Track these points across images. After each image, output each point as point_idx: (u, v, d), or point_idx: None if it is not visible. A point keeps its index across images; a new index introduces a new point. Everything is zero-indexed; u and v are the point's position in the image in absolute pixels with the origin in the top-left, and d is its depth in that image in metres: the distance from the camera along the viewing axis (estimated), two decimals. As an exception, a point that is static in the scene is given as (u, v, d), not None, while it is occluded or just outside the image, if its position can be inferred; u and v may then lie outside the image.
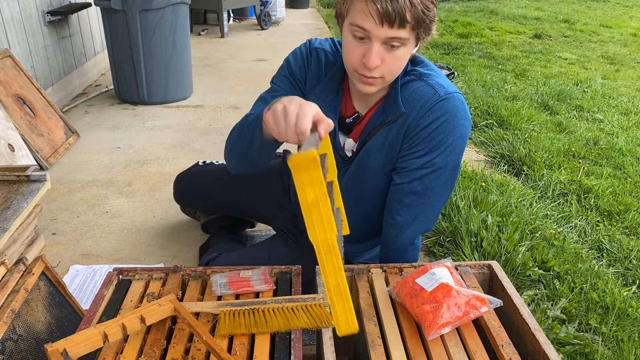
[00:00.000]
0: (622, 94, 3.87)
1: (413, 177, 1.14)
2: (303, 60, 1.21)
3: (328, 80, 1.18)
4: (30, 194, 1.53)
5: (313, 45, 1.21)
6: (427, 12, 0.98)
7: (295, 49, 1.24)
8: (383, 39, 0.98)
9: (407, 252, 1.24)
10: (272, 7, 6.34)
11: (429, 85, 1.10)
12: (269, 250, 1.47)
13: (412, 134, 1.11)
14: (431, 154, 1.11)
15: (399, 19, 0.94)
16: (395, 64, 1.03)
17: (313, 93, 1.18)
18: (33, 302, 1.00)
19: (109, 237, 1.90)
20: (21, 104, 2.48)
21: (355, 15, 0.98)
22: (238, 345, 0.90)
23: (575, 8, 8.19)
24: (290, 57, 1.24)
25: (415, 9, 0.95)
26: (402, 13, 0.94)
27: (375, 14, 0.95)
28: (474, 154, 2.81)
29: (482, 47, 5.26)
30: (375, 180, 1.21)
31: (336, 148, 1.23)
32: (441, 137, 1.09)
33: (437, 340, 0.93)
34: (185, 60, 3.38)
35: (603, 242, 1.98)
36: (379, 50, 0.99)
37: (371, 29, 0.97)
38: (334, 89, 1.18)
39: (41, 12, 2.98)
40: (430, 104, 1.08)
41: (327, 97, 1.17)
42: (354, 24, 0.99)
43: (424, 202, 1.16)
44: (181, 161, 2.53)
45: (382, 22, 0.95)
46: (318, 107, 0.89)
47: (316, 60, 1.20)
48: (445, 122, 1.08)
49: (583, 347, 1.41)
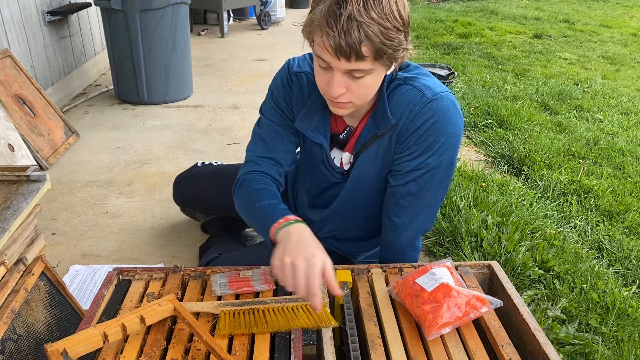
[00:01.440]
0: (622, 94, 3.87)
1: (408, 179, 1.14)
2: (284, 88, 1.20)
3: (312, 102, 1.16)
4: (30, 194, 1.53)
5: (292, 69, 1.19)
6: (389, 42, 0.91)
7: (276, 76, 1.22)
8: (343, 70, 0.95)
9: (407, 253, 1.23)
10: (272, 7, 6.34)
11: (416, 88, 1.08)
12: (269, 250, 1.46)
13: (404, 138, 1.11)
14: (424, 155, 1.10)
15: (355, 53, 0.90)
16: (362, 91, 1.00)
17: (299, 118, 1.17)
18: (33, 302, 1.00)
19: (109, 237, 1.90)
20: (21, 104, 2.48)
21: (316, 46, 0.96)
22: (238, 345, 0.90)
23: (575, 8, 8.19)
24: (272, 87, 1.23)
25: (371, 42, 0.89)
26: (357, 48, 0.89)
27: (329, 48, 0.91)
28: (474, 154, 2.81)
29: (482, 47, 5.26)
30: (373, 186, 1.22)
31: (332, 167, 1.23)
32: (432, 138, 1.08)
33: (437, 340, 0.93)
34: (185, 60, 3.38)
35: (603, 242, 1.98)
36: (341, 80, 0.96)
37: (329, 61, 0.94)
38: (320, 109, 1.16)
39: (41, 12, 2.98)
40: (419, 107, 1.07)
41: (314, 119, 1.17)
42: (316, 54, 0.97)
43: (420, 202, 1.16)
44: (181, 161, 2.53)
45: (337, 57, 0.92)
46: (325, 257, 0.92)
47: (297, 85, 1.18)
48: (436, 122, 1.07)
49: (583, 347, 1.41)
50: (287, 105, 1.21)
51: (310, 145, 1.23)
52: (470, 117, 3.22)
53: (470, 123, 3.17)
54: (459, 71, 4.25)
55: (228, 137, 2.85)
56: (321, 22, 0.91)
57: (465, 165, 2.51)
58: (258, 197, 1.13)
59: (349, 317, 0.97)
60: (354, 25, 0.88)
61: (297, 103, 1.20)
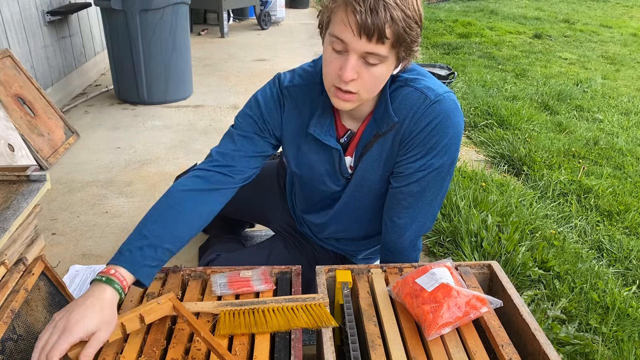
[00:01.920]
0: (622, 94, 3.87)
1: (411, 180, 1.14)
2: (275, 103, 1.18)
3: (322, 107, 1.15)
4: (30, 194, 1.53)
5: (283, 84, 1.17)
6: (409, 32, 0.94)
7: (265, 89, 1.19)
8: (360, 53, 0.95)
9: (408, 254, 1.23)
10: (272, 7, 6.35)
11: (418, 90, 1.08)
12: (269, 251, 1.47)
13: (407, 140, 1.11)
14: (427, 156, 1.10)
15: (378, 33, 0.91)
16: (372, 81, 1.00)
17: (312, 123, 1.15)
18: (33, 302, 1.00)
19: (109, 237, 1.90)
20: (21, 104, 2.48)
21: (335, 26, 0.96)
22: (238, 345, 0.90)
23: (575, 8, 8.19)
24: (260, 97, 1.19)
25: (395, 25, 0.91)
26: (382, 27, 0.91)
27: (354, 25, 0.92)
28: (474, 154, 2.81)
29: (482, 47, 5.26)
30: (376, 189, 1.22)
31: (342, 172, 1.21)
32: (436, 139, 1.08)
33: (437, 340, 0.93)
34: (185, 60, 3.38)
35: (603, 242, 1.98)
36: (356, 63, 0.96)
37: (349, 40, 0.94)
38: (329, 113, 1.16)
39: (41, 12, 2.98)
40: (423, 109, 1.07)
41: (325, 122, 1.16)
42: (333, 34, 0.97)
43: (422, 203, 1.16)
44: (181, 161, 2.53)
45: (360, 35, 0.92)
46: (99, 329, 0.86)
47: (291, 101, 1.17)
48: (439, 124, 1.07)
49: (583, 347, 1.41)
50: (271, 119, 1.18)
51: (319, 151, 1.20)
52: (470, 117, 3.22)
53: (470, 123, 3.17)
54: (459, 71, 4.25)
55: (228, 137, 2.85)
56: (347, 0, 0.92)
57: (465, 165, 2.51)
58: (146, 216, 1.06)
59: (349, 317, 0.97)
60: (380, 5, 0.90)
61: (289, 118, 1.18)
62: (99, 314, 0.87)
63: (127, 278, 0.95)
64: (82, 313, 0.86)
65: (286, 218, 1.53)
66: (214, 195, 1.14)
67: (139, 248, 0.98)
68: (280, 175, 1.57)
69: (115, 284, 0.92)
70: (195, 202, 1.10)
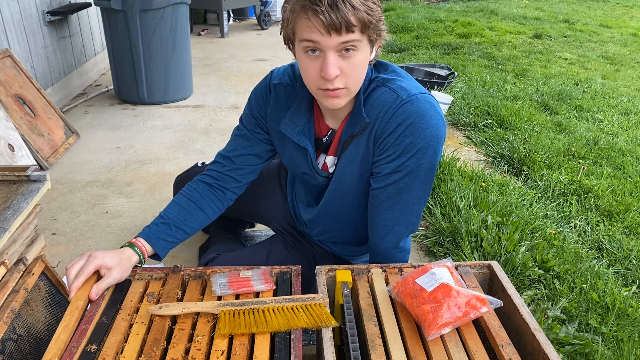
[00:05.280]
0: (622, 94, 3.87)
1: (388, 181, 1.14)
2: (263, 99, 1.24)
3: (297, 107, 1.18)
4: (30, 194, 1.53)
5: (273, 81, 1.23)
6: (372, 13, 0.97)
7: (260, 84, 1.26)
8: (335, 47, 0.97)
9: (393, 255, 1.23)
10: (272, 7, 6.35)
11: (391, 90, 1.09)
12: (269, 250, 1.47)
13: (380, 140, 1.10)
14: (402, 157, 1.09)
15: (345, 24, 0.94)
16: (355, 71, 1.02)
17: (284, 122, 1.19)
18: (33, 302, 1.00)
19: (109, 237, 1.90)
20: (21, 104, 2.48)
21: (303, 32, 0.97)
22: (238, 345, 0.90)
23: (575, 8, 8.19)
24: (252, 94, 1.27)
25: (358, 11, 0.94)
26: (347, 19, 0.93)
27: (320, 26, 0.94)
28: (474, 154, 2.81)
29: (482, 47, 5.26)
30: (356, 189, 1.22)
31: (316, 171, 1.24)
32: (410, 139, 1.07)
33: (437, 340, 0.93)
34: (185, 60, 3.38)
35: (603, 242, 1.98)
36: (335, 59, 0.98)
37: (320, 40, 0.96)
38: (305, 113, 1.18)
39: (41, 12, 2.98)
40: (394, 109, 1.07)
41: (300, 122, 1.18)
42: (303, 39, 0.98)
43: (402, 205, 1.16)
44: (181, 161, 2.53)
45: (329, 32, 0.94)
46: (112, 265, 1.05)
47: (274, 97, 1.22)
48: (412, 124, 1.06)
49: (583, 347, 1.41)
50: (260, 114, 1.26)
51: (295, 149, 1.23)
52: (470, 117, 3.22)
53: (470, 123, 3.17)
54: (459, 71, 4.25)
55: (228, 137, 2.84)
56: (305, 5, 0.95)
57: (465, 166, 2.51)
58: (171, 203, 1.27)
59: (349, 317, 0.97)
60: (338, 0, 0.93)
61: (272, 113, 1.23)
62: (118, 257, 1.07)
63: (145, 246, 1.15)
64: (104, 252, 1.07)
65: (287, 217, 1.53)
66: (218, 194, 1.30)
67: (155, 224, 1.20)
68: (281, 175, 1.58)
69: (135, 247, 1.13)
70: (206, 198, 1.28)
